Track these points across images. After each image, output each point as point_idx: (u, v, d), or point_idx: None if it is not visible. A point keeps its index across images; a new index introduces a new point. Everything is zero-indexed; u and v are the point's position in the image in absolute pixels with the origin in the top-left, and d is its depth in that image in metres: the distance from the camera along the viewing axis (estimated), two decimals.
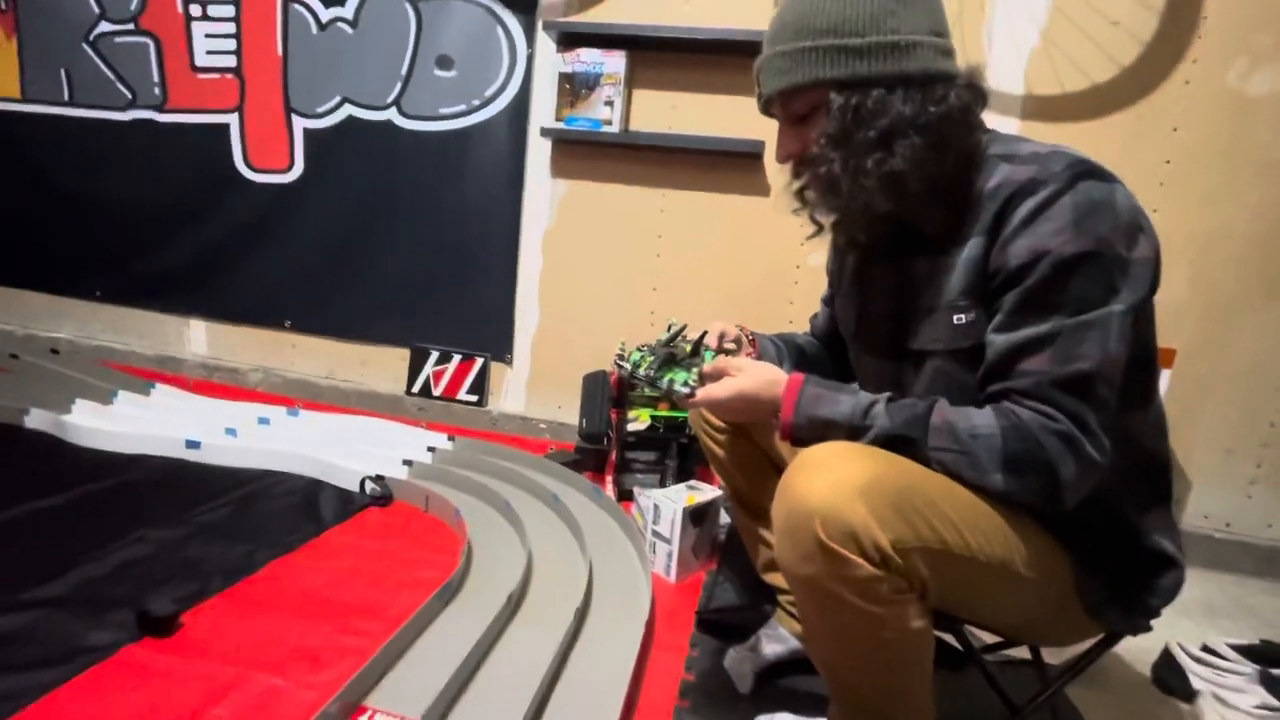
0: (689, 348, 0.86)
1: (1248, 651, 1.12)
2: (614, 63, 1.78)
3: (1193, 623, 1.33)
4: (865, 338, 0.86)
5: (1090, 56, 1.58)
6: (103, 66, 2.18)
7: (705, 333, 0.90)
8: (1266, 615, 1.43)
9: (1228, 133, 1.54)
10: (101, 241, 2.29)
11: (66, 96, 2.23)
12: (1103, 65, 1.58)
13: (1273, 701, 1.00)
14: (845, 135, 0.71)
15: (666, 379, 0.82)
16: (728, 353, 0.90)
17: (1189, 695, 1.05)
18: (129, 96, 2.18)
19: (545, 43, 1.86)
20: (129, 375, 2.07)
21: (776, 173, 1.80)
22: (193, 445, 1.61)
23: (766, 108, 0.79)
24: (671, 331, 0.88)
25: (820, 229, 0.83)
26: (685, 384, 0.80)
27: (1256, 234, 1.55)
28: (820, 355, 1.02)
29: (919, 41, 0.70)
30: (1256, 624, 1.38)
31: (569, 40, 1.80)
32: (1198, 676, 1.08)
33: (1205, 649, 1.13)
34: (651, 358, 0.84)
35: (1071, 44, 1.58)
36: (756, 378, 0.75)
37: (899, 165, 0.69)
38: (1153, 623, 0.74)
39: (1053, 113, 1.62)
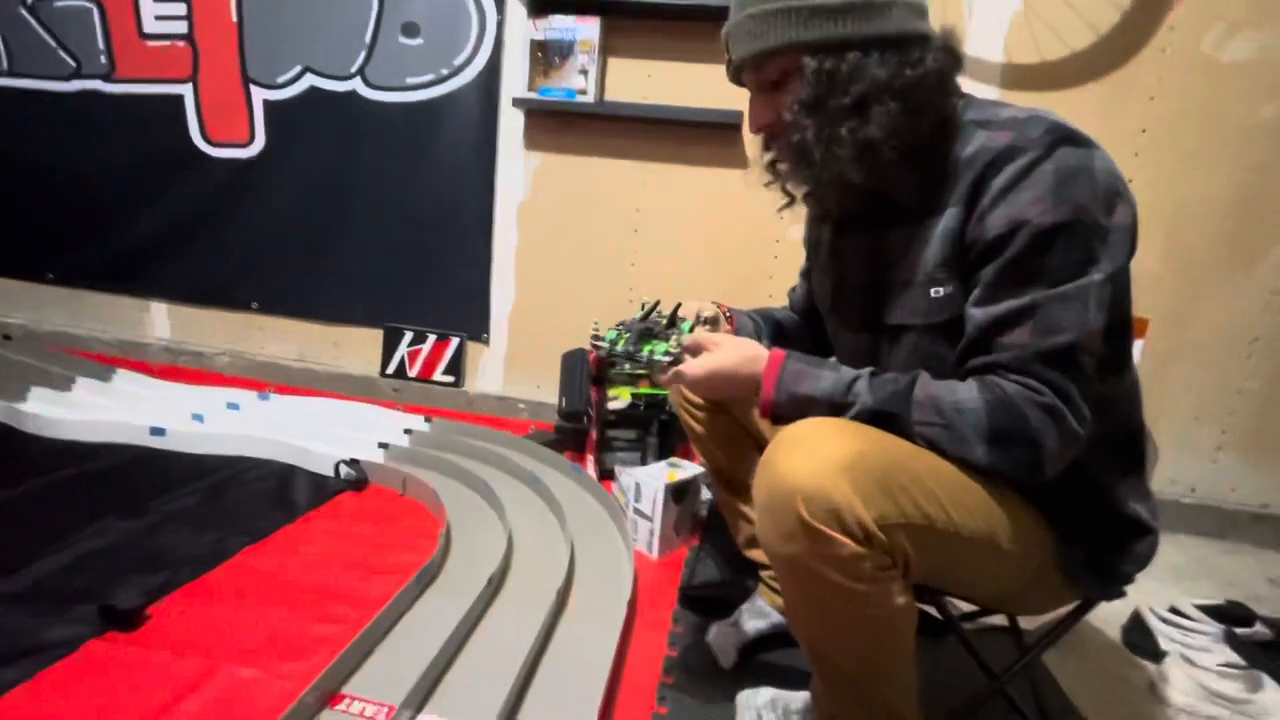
0: (665, 322, 0.84)
1: (1213, 611, 1.16)
2: (587, 29, 1.72)
3: (1161, 585, 1.37)
4: (841, 311, 0.85)
5: (1069, 24, 1.56)
6: (43, 33, 2.05)
7: (679, 305, 0.88)
8: (1230, 576, 1.48)
9: (1202, 101, 1.54)
10: (52, 221, 2.17)
11: (5, 66, 2.10)
12: (1081, 33, 1.56)
13: (1236, 659, 1.04)
14: (819, 102, 0.68)
15: (646, 350, 0.79)
16: (706, 323, 0.88)
17: (1158, 656, 1.08)
18: (73, 65, 2.06)
19: (516, 8, 1.79)
20: (88, 361, 1.99)
21: (754, 145, 1.77)
22: (158, 432, 1.56)
23: (736, 75, 0.76)
24: (645, 309, 0.86)
25: (792, 200, 0.81)
26: (666, 353, 0.78)
27: (1229, 203, 1.56)
28: (799, 330, 1.01)
29: (894, 1, 0.67)
30: (1221, 584, 1.43)
31: (540, 5, 1.73)
32: (1166, 637, 1.11)
33: (1173, 610, 1.16)
34: (628, 334, 0.82)
35: (1051, 11, 1.56)
36: (735, 354, 0.74)
37: (874, 133, 0.67)
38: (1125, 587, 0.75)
39: (1031, 81, 1.60)
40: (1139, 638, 1.14)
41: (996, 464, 0.63)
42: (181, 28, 1.98)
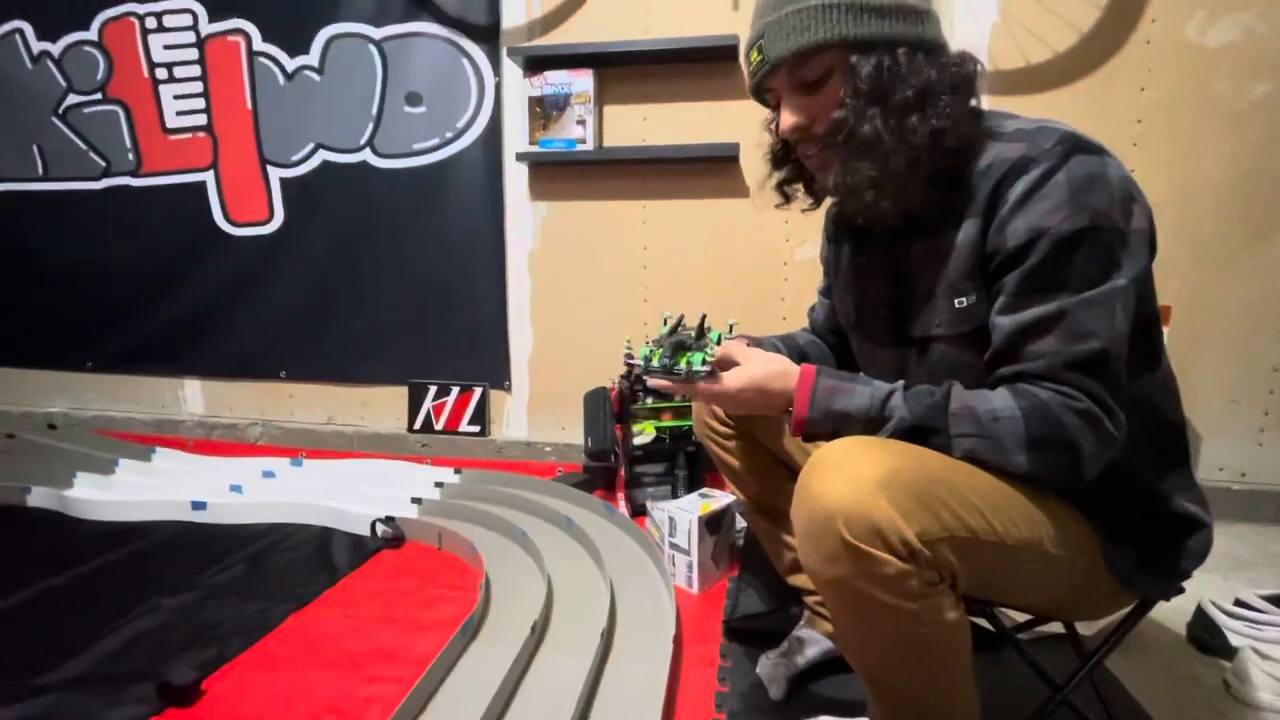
0: (694, 334, 0.83)
1: (1278, 601, 1.11)
2: (582, 82, 1.79)
3: (1221, 577, 1.32)
4: (866, 326, 0.85)
5: (1050, 26, 1.59)
6: (74, 138, 2.19)
7: (705, 315, 0.87)
8: None
9: (1193, 86, 1.55)
10: (88, 312, 2.28)
11: (40, 172, 2.23)
12: (1063, 34, 1.59)
13: None
14: (882, 93, 0.67)
15: (683, 363, 0.77)
16: (733, 330, 0.87)
17: (1229, 652, 1.04)
18: (103, 165, 2.18)
19: (512, 69, 1.87)
20: (128, 443, 2.05)
21: (755, 173, 1.81)
22: (199, 506, 1.59)
23: (764, 80, 0.73)
24: (670, 324, 0.85)
25: (816, 202, 0.81)
26: (704, 363, 0.76)
27: (1232, 182, 1.56)
28: (824, 355, 1.01)
29: (929, 10, 0.70)
30: None
31: (535, 64, 1.81)
32: (1234, 632, 1.07)
33: (1238, 603, 1.12)
34: (661, 350, 0.80)
35: (1030, 16, 1.60)
36: (766, 368, 0.73)
37: (940, 123, 0.67)
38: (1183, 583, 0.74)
39: (1019, 85, 1.63)
40: (1206, 634, 1.09)
41: (1035, 471, 0.63)
42: (201, 120, 2.09)
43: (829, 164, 0.73)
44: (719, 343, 0.80)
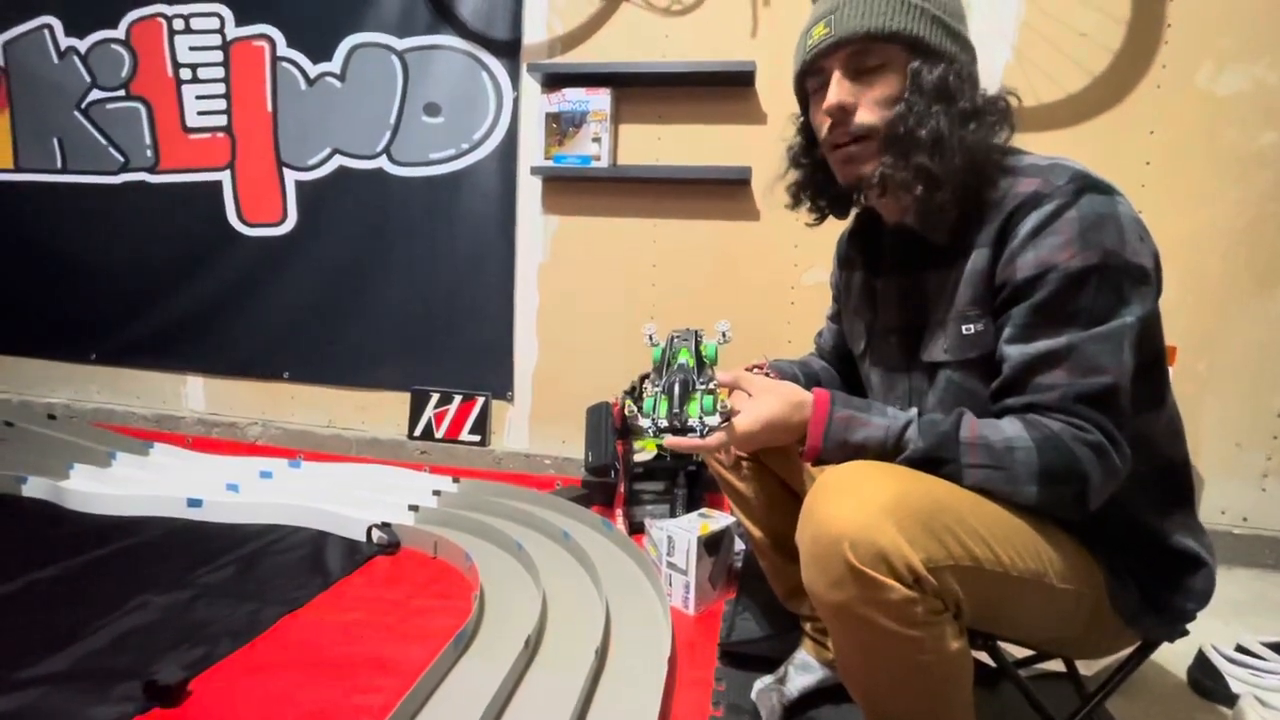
0: (692, 361, 0.75)
1: None
2: (599, 100, 1.82)
3: (1222, 622, 1.31)
4: (875, 351, 0.86)
5: (1062, 68, 1.62)
6: (95, 133, 2.21)
7: (699, 333, 0.82)
8: None
9: (1202, 132, 1.57)
10: (96, 304, 2.29)
11: (59, 164, 2.26)
12: (1075, 75, 1.62)
13: None
14: (948, 97, 0.68)
15: (694, 414, 0.70)
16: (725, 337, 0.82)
17: (1229, 698, 1.03)
18: (121, 160, 2.21)
19: (530, 84, 1.90)
20: (127, 436, 2.05)
21: (766, 194, 1.83)
22: (194, 504, 1.58)
23: (821, 55, 0.72)
24: (660, 352, 0.78)
25: (820, 217, 0.83)
26: (716, 408, 0.69)
27: (1240, 228, 1.57)
28: (834, 381, 1.01)
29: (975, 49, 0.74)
30: None
31: (553, 81, 1.84)
32: (1235, 678, 1.05)
33: (1239, 649, 1.11)
34: (665, 398, 0.71)
35: (1043, 57, 1.63)
36: (783, 402, 0.71)
37: (989, 137, 0.69)
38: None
39: (1030, 123, 1.65)
40: (1207, 679, 1.08)
41: (1044, 501, 0.63)
42: (221, 120, 2.12)
43: (864, 157, 0.73)
44: (715, 358, 0.75)
